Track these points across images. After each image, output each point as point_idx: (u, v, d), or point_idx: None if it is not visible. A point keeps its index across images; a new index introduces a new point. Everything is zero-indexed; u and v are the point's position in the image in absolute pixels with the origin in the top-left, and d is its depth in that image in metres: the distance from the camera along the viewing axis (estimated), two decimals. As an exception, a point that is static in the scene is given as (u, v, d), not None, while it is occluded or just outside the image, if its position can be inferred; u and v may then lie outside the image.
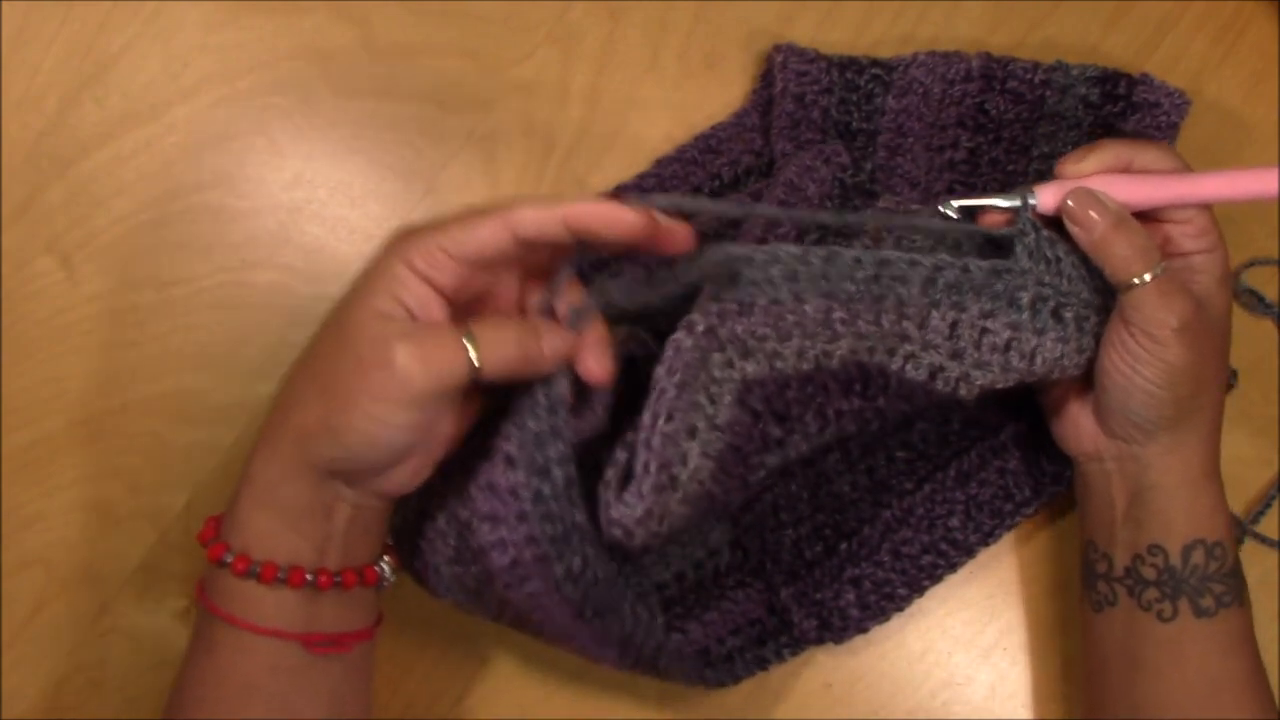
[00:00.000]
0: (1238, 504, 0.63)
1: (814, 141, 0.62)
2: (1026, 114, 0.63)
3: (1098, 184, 0.53)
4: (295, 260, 0.63)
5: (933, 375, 0.52)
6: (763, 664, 0.60)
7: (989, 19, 0.67)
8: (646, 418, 0.48)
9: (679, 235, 0.48)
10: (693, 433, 0.49)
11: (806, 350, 0.51)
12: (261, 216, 0.63)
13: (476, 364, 0.45)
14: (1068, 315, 0.53)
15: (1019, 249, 0.53)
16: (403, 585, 0.60)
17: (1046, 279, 0.53)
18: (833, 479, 0.62)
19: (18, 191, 0.62)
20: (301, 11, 0.64)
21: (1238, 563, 0.54)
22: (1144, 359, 0.51)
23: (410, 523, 0.53)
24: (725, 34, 0.65)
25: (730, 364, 0.49)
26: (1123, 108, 0.63)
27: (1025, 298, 0.52)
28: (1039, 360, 0.52)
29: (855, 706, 0.62)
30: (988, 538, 0.61)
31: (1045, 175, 0.60)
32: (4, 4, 0.63)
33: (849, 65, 0.64)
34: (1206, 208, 0.54)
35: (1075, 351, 0.53)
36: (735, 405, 0.49)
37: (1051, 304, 0.52)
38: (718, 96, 0.65)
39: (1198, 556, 0.53)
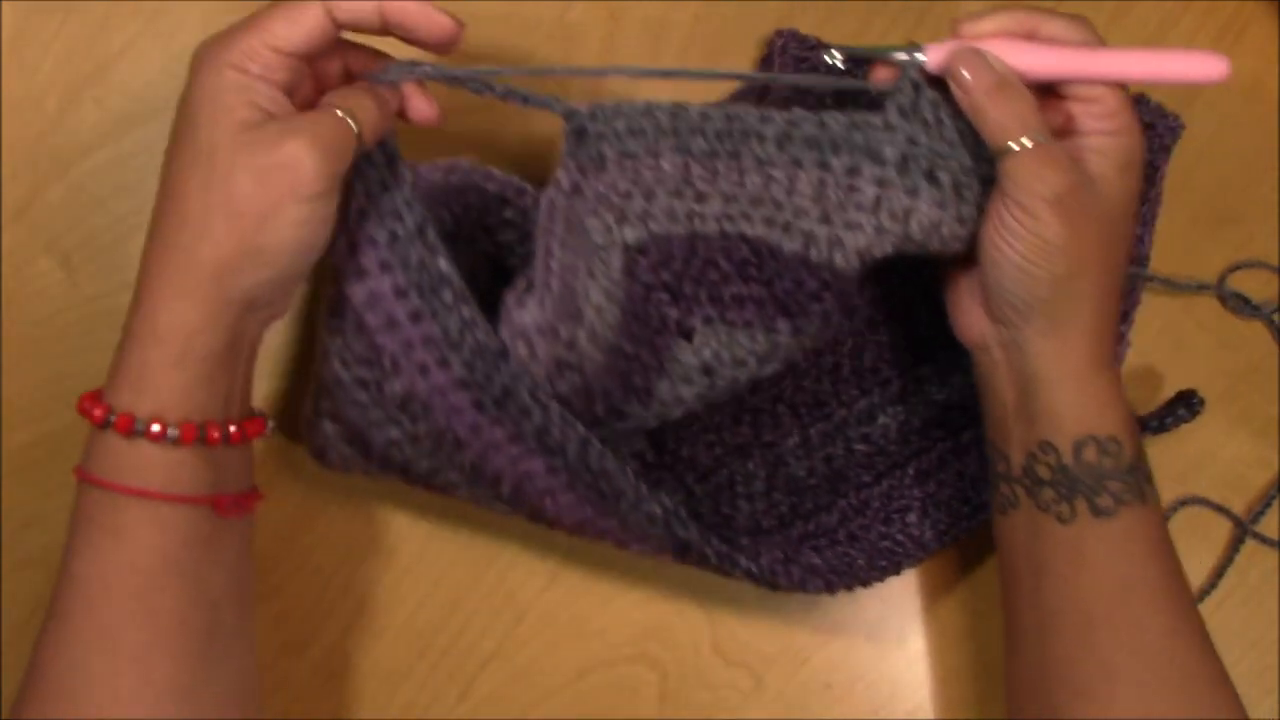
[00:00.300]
0: (1238, 504, 0.63)
1: None
2: None
3: (993, 47, 0.50)
4: (295, 260, 0.63)
5: (807, 244, 0.51)
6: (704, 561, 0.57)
7: (989, 19, 0.67)
8: (540, 251, 0.49)
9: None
10: (591, 273, 0.50)
11: (676, 210, 0.51)
12: (261, 216, 0.63)
13: (358, 133, 0.47)
14: (943, 178, 0.50)
15: (890, 105, 0.50)
16: (402, 591, 0.60)
17: (922, 139, 0.50)
18: (790, 463, 0.62)
19: (18, 191, 0.62)
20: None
21: (1138, 459, 0.51)
22: (1017, 232, 0.49)
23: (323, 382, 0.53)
24: (725, 34, 0.65)
25: (609, 229, 0.50)
26: None
27: (891, 153, 0.50)
28: (914, 224, 0.50)
29: (855, 706, 0.62)
30: (944, 536, 0.60)
31: None
32: (4, 4, 0.63)
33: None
34: (1120, 88, 0.51)
35: (955, 220, 0.50)
36: (625, 275, 0.50)
37: (924, 164, 0.50)
38: (717, 97, 0.65)
39: (1090, 453, 0.50)
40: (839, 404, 0.62)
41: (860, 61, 0.54)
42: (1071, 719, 0.50)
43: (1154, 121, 0.63)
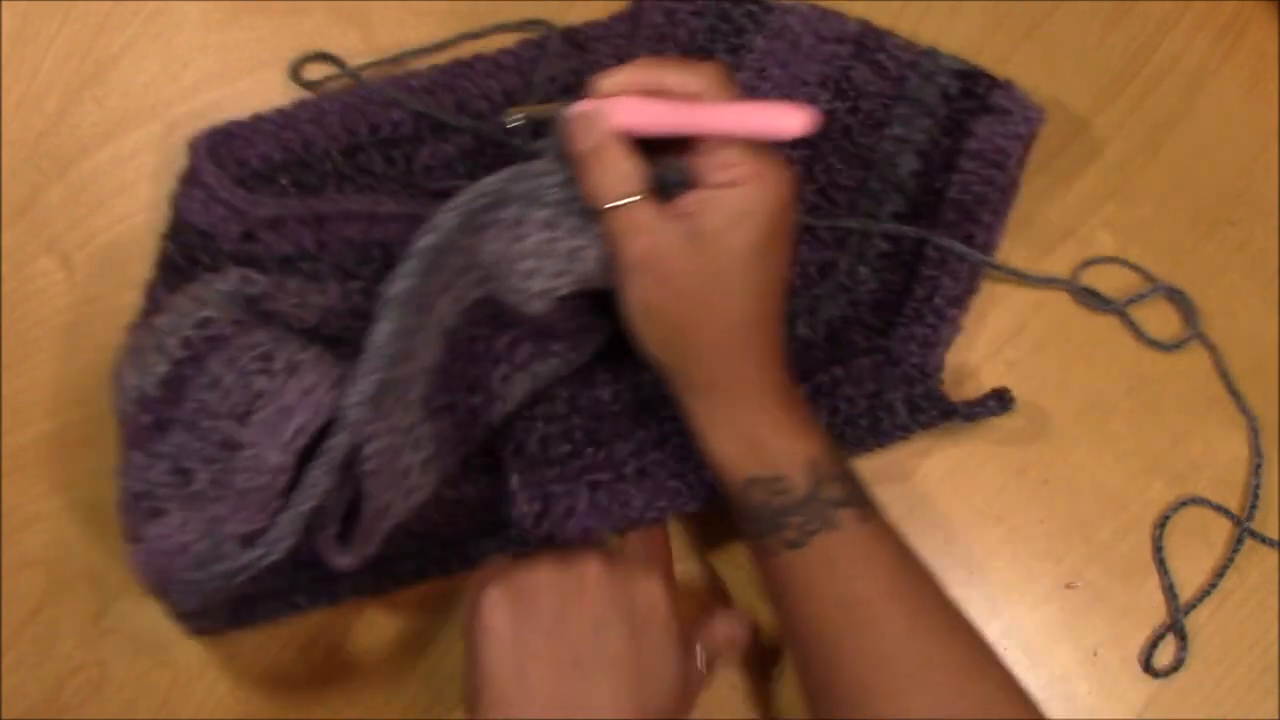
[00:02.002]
0: (1238, 504, 0.63)
1: None
2: (888, 90, 0.63)
3: (618, 103, 0.50)
4: (295, 260, 0.63)
5: (488, 296, 0.53)
6: (475, 555, 0.58)
7: (989, 19, 0.67)
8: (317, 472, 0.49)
9: None
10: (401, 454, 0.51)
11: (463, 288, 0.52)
12: (261, 216, 0.63)
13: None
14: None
15: (547, 154, 0.52)
16: (402, 592, 0.60)
17: (575, 184, 0.51)
18: (596, 385, 0.60)
19: (18, 191, 0.62)
20: (301, 11, 0.65)
21: (819, 489, 0.51)
22: (620, 294, 0.51)
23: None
24: (725, 34, 0.65)
25: (440, 322, 0.51)
26: (975, 107, 0.63)
27: (552, 196, 0.51)
28: (585, 261, 0.52)
29: (855, 707, 0.62)
30: None
31: (895, 155, 0.62)
32: (4, 4, 0.63)
33: None
34: (742, 140, 0.50)
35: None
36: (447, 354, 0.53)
37: (578, 205, 0.51)
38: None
39: (757, 494, 0.51)
40: None
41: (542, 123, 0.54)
42: None
43: (1012, 108, 0.62)
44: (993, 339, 0.64)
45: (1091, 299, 0.64)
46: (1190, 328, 0.63)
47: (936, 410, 0.60)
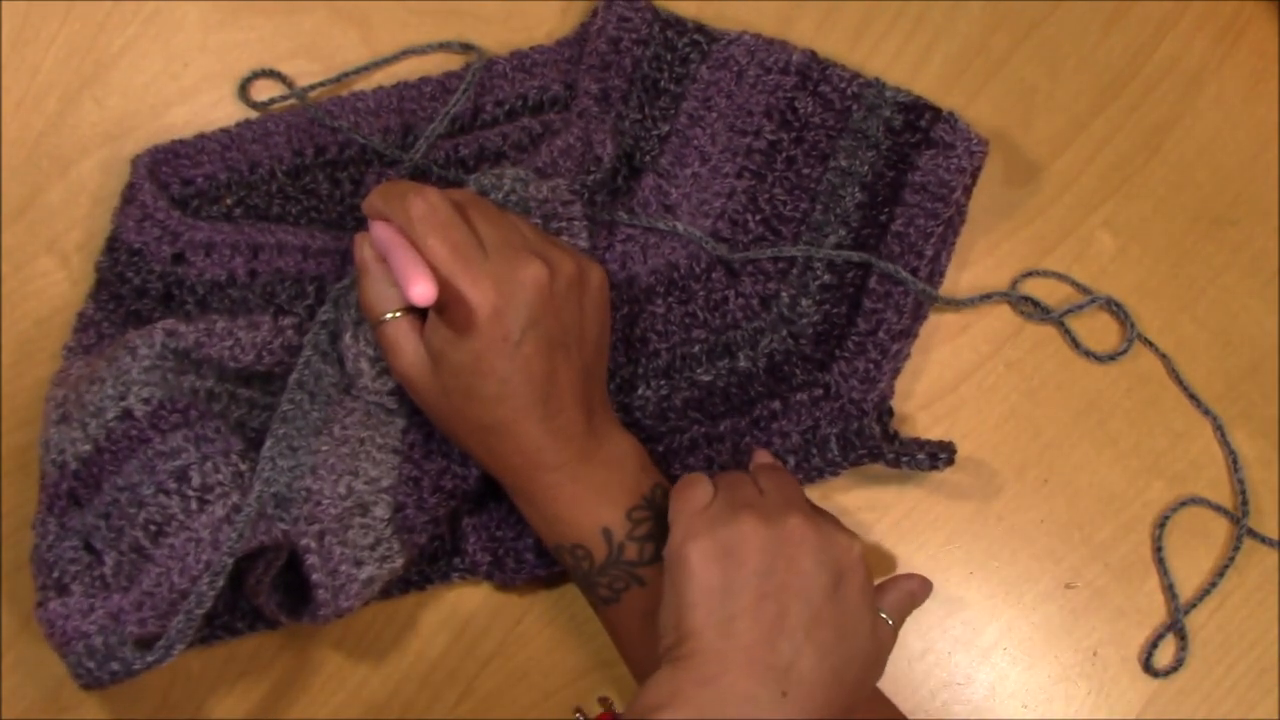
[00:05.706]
0: (1235, 503, 0.63)
1: (619, 89, 0.63)
2: (832, 122, 0.63)
3: (374, 227, 0.54)
4: (295, 260, 0.63)
5: (346, 388, 0.57)
6: (424, 582, 0.60)
7: (989, 19, 0.67)
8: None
9: None
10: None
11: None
12: (261, 216, 0.63)
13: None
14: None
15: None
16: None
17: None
18: None
19: (18, 191, 0.62)
20: (301, 11, 0.65)
21: (616, 553, 0.54)
22: None
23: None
24: (725, 34, 0.65)
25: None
26: (919, 140, 0.62)
27: (354, 301, 0.56)
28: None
29: (855, 706, 0.62)
30: None
31: (840, 187, 0.62)
32: (4, 4, 0.63)
33: (673, 24, 0.64)
34: (462, 264, 0.52)
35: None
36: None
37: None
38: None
39: (566, 558, 0.55)
40: None
41: None
42: None
43: (955, 142, 0.61)
44: (992, 339, 0.64)
45: (1032, 309, 0.64)
46: (1127, 338, 0.64)
47: (866, 449, 0.60)
